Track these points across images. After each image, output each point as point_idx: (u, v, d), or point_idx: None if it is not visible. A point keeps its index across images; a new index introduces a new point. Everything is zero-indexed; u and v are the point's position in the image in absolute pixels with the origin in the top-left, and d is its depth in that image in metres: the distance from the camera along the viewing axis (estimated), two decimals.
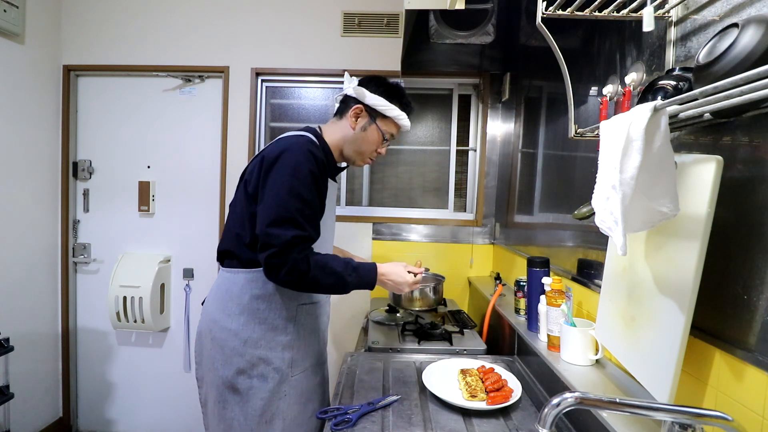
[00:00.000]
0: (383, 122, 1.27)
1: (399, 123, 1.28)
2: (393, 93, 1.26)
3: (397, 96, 1.27)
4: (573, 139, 0.99)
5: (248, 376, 1.16)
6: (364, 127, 1.26)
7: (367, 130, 1.26)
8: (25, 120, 2.21)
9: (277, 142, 1.18)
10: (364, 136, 1.26)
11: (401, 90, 1.29)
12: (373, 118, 1.26)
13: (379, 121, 1.26)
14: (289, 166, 1.10)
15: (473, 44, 1.83)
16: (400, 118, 1.27)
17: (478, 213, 2.45)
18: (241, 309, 1.18)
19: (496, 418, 1.07)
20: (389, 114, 1.25)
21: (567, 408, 0.58)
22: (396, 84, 1.29)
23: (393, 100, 1.25)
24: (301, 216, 1.09)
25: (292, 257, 1.07)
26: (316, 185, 1.13)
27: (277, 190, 1.09)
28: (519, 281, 1.50)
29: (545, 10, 0.87)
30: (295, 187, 1.09)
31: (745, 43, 0.56)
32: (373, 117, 1.26)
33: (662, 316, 0.74)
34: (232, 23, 2.41)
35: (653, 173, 0.63)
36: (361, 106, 1.25)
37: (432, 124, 2.51)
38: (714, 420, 0.58)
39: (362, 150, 1.28)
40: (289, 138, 1.18)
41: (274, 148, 1.15)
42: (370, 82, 1.27)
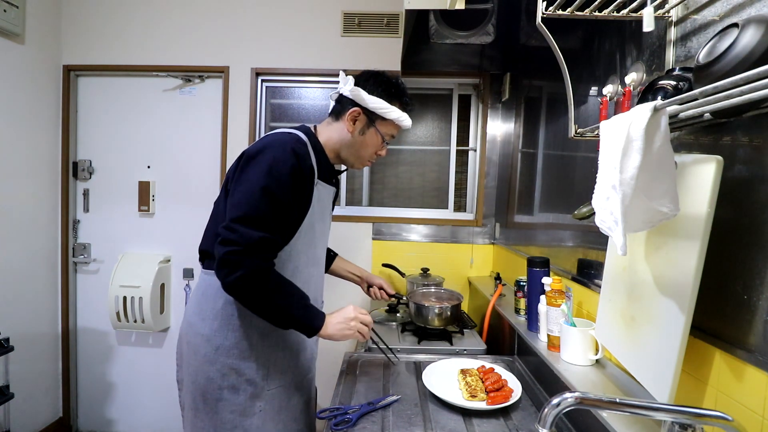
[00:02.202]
0: (383, 125, 1.18)
1: (400, 124, 1.19)
2: (393, 92, 1.16)
3: (398, 95, 1.17)
4: (573, 139, 0.99)
5: (218, 386, 1.07)
6: (362, 130, 1.17)
7: (365, 134, 1.17)
8: (25, 120, 2.21)
9: (262, 138, 1.11)
10: (363, 140, 1.18)
11: (401, 87, 1.19)
12: (372, 120, 1.16)
13: (378, 124, 1.17)
14: (267, 163, 1.01)
15: (473, 44, 1.83)
16: (401, 120, 1.18)
17: (478, 213, 2.45)
18: (215, 313, 1.09)
19: (496, 418, 1.07)
20: (389, 116, 1.16)
21: (567, 408, 0.58)
22: (396, 81, 1.19)
23: (393, 101, 1.16)
24: (272, 218, 1.00)
25: (254, 262, 0.97)
26: (295, 187, 1.05)
27: (250, 186, 1.00)
28: (519, 281, 1.50)
29: (545, 10, 0.87)
30: (271, 186, 1.00)
31: (745, 43, 0.56)
32: (371, 120, 1.16)
33: (662, 316, 0.74)
34: (232, 23, 2.40)
35: (653, 173, 0.63)
36: (358, 109, 1.15)
37: (432, 124, 2.51)
38: (714, 420, 0.58)
39: (361, 154, 1.21)
40: (275, 134, 1.11)
41: (256, 144, 1.08)
42: (367, 80, 1.16)
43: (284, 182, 1.02)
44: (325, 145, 1.19)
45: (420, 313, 1.65)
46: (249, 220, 0.98)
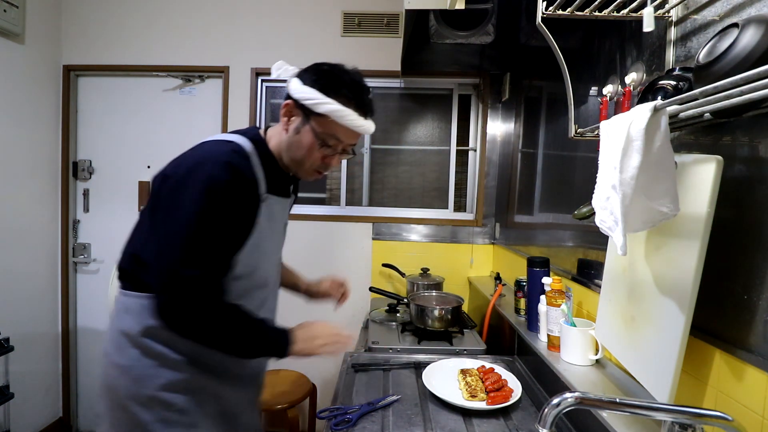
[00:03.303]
0: (319, 122, 0.94)
1: (342, 123, 0.93)
2: (333, 82, 0.93)
3: (338, 86, 0.93)
4: (573, 139, 0.99)
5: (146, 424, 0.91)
6: (297, 128, 0.96)
7: (300, 133, 0.96)
8: (25, 120, 2.21)
9: (192, 150, 0.95)
10: (298, 140, 0.96)
11: (347, 78, 0.95)
12: (306, 118, 0.95)
13: (313, 121, 0.94)
14: (200, 186, 0.85)
15: (473, 44, 1.83)
16: (342, 116, 0.92)
17: (478, 213, 2.45)
18: (134, 341, 0.93)
19: (496, 418, 1.07)
20: (323, 110, 0.91)
21: (567, 408, 0.58)
22: (340, 70, 0.96)
23: (331, 93, 0.92)
24: (212, 251, 0.87)
25: (199, 304, 0.85)
26: (236, 208, 0.89)
27: (184, 218, 0.85)
28: (519, 281, 1.50)
29: (545, 10, 0.87)
30: (208, 214, 0.85)
31: (745, 43, 0.56)
32: (306, 115, 0.94)
33: (662, 316, 0.74)
34: (232, 23, 2.40)
35: (653, 173, 0.63)
36: (290, 102, 0.96)
37: (432, 124, 2.51)
38: (714, 420, 0.58)
39: (297, 158, 0.98)
40: (207, 145, 0.94)
41: (187, 161, 0.91)
42: (307, 70, 0.97)
43: (223, 206, 0.86)
44: (275, 150, 1.01)
45: (420, 315, 1.65)
46: (187, 260, 0.84)
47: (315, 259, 2.44)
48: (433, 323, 1.62)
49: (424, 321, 1.64)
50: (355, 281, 2.44)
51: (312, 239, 2.43)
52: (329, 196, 2.51)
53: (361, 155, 2.48)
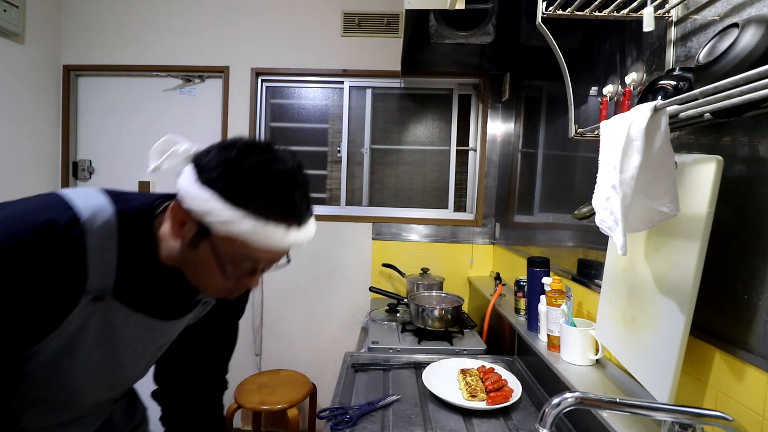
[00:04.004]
0: (224, 240, 0.62)
1: (257, 245, 0.61)
2: (241, 185, 0.60)
3: (248, 190, 0.60)
4: (573, 139, 0.99)
5: None
6: (192, 242, 0.64)
7: (197, 250, 0.64)
8: (25, 120, 2.21)
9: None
10: (194, 258, 0.65)
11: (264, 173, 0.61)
12: (204, 231, 0.62)
13: (215, 238, 0.62)
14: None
15: (473, 44, 1.83)
16: (256, 237, 0.60)
17: (478, 213, 2.45)
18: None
19: (496, 418, 1.07)
20: (226, 232, 0.60)
21: (567, 408, 0.58)
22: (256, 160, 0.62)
23: (238, 202, 0.59)
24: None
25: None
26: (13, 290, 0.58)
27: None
28: (519, 281, 1.50)
29: (545, 10, 0.87)
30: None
31: (746, 43, 0.56)
32: (203, 230, 0.62)
33: (662, 316, 0.74)
34: (232, 23, 2.40)
35: (653, 173, 0.63)
36: (179, 206, 0.63)
37: (432, 124, 2.51)
38: (714, 420, 0.58)
39: (197, 279, 0.69)
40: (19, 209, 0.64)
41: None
42: (207, 154, 0.63)
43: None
44: (161, 245, 0.68)
45: (420, 315, 1.65)
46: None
47: (315, 259, 2.44)
48: (433, 323, 1.63)
49: (424, 321, 1.64)
50: (355, 281, 2.44)
51: (312, 239, 2.43)
52: (329, 196, 2.51)
53: (361, 155, 2.48)
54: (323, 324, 2.45)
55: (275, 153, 0.65)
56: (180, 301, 0.76)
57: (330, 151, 2.50)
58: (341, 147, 2.47)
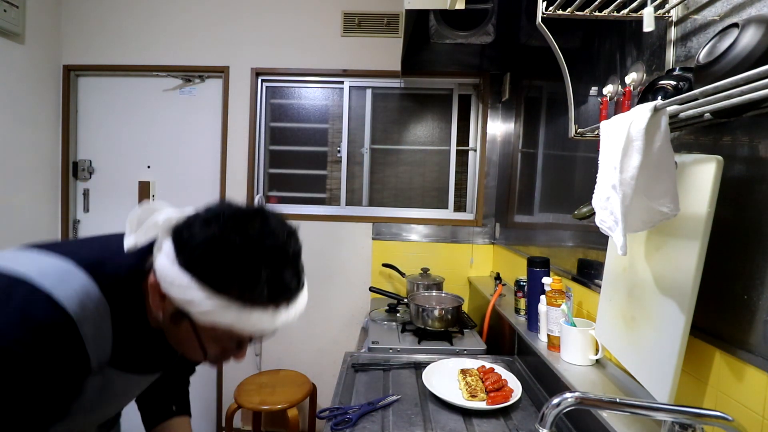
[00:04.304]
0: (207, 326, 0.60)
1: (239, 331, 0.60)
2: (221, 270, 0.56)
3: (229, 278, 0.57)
4: (573, 139, 0.99)
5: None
6: (173, 317, 0.62)
7: (178, 326, 0.62)
8: (25, 120, 2.21)
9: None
10: (176, 332, 0.64)
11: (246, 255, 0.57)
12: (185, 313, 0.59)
13: (194, 318, 0.59)
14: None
15: (473, 44, 1.83)
16: (239, 325, 0.58)
17: (478, 213, 2.45)
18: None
19: (496, 418, 1.07)
20: (205, 320, 0.58)
21: (567, 408, 0.58)
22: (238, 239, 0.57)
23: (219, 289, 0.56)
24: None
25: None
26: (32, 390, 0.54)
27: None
28: (519, 281, 1.50)
29: (545, 10, 0.87)
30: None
31: (746, 43, 0.56)
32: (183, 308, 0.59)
33: (662, 316, 0.74)
34: (232, 23, 2.40)
35: (653, 173, 0.63)
36: (156, 281, 0.60)
37: (432, 124, 2.51)
38: (714, 420, 0.58)
39: (183, 350, 0.68)
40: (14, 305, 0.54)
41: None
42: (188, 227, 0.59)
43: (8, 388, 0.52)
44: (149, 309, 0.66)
45: (420, 315, 1.65)
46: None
47: (315, 259, 2.44)
48: (433, 323, 1.63)
49: (424, 321, 1.64)
50: (355, 281, 2.44)
51: (312, 239, 2.44)
52: (329, 196, 2.51)
53: (361, 155, 2.48)
54: (323, 324, 2.45)
55: (264, 225, 0.59)
56: (169, 354, 0.75)
57: (330, 151, 2.50)
58: (341, 147, 2.47)
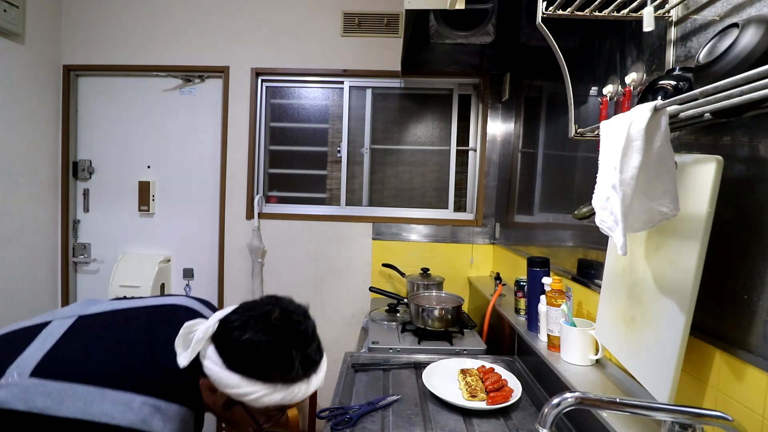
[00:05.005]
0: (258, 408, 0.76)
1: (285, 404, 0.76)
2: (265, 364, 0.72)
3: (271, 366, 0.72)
4: (573, 139, 0.99)
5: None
6: (226, 405, 0.77)
7: (232, 411, 0.78)
8: (25, 120, 2.21)
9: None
10: (230, 416, 0.79)
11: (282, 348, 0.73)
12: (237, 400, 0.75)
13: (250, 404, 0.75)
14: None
15: (473, 44, 1.83)
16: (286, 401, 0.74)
17: (478, 213, 2.45)
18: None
19: (496, 418, 1.07)
20: (258, 404, 0.73)
21: (567, 408, 0.58)
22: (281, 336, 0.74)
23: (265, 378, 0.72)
24: None
25: None
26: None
27: None
28: (519, 281, 1.50)
29: (545, 10, 0.87)
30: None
31: (746, 43, 0.56)
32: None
33: (662, 316, 0.74)
34: (232, 23, 2.40)
35: (653, 173, 0.63)
36: (208, 382, 0.74)
37: (432, 124, 2.51)
38: (714, 420, 0.58)
39: (236, 426, 0.83)
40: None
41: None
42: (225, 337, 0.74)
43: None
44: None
45: (420, 315, 1.65)
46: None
47: (315, 259, 2.44)
48: (433, 323, 1.63)
49: (424, 321, 1.64)
50: (355, 281, 2.44)
51: (312, 239, 2.44)
52: (329, 196, 2.51)
53: (361, 155, 2.48)
54: (323, 324, 2.44)
55: (285, 315, 0.76)
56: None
57: (330, 151, 2.50)
58: (341, 147, 2.47)
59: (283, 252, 2.44)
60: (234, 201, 2.42)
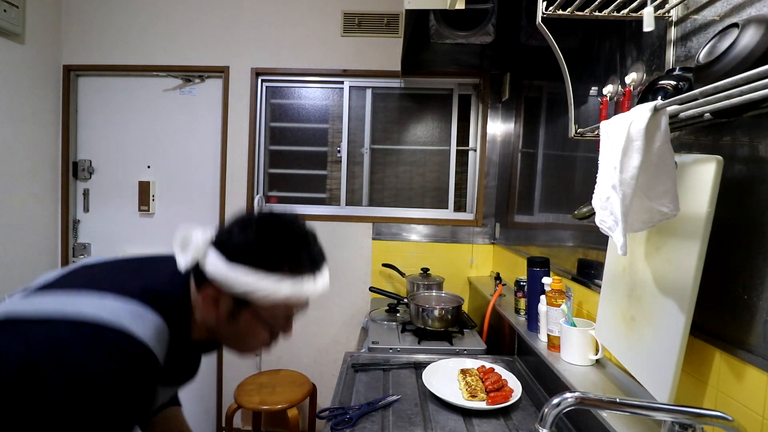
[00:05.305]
0: (267, 306, 0.71)
1: (295, 302, 0.72)
2: (273, 255, 0.69)
3: (280, 258, 0.69)
4: (573, 139, 0.99)
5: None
6: (231, 314, 0.71)
7: (237, 320, 0.72)
8: (25, 120, 2.21)
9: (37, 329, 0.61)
10: (235, 328, 0.73)
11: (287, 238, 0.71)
12: (243, 302, 0.70)
13: (254, 306, 0.71)
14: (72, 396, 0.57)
15: (473, 44, 1.83)
16: (298, 296, 0.70)
17: (478, 213, 2.45)
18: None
19: (496, 418, 1.07)
20: (273, 300, 0.69)
21: (567, 408, 0.58)
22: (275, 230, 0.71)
23: (274, 270, 0.68)
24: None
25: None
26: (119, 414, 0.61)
27: None
28: (519, 281, 1.50)
29: (545, 10, 0.87)
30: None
31: (745, 43, 0.56)
32: (241, 302, 0.70)
33: (662, 316, 0.74)
34: (232, 23, 2.40)
35: (653, 173, 0.63)
36: (212, 288, 0.70)
37: (432, 124, 2.51)
38: (714, 420, 0.58)
39: (238, 347, 0.78)
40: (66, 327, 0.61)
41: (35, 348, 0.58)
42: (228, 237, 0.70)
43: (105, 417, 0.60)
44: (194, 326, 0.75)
45: (420, 315, 1.65)
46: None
47: None
48: (433, 323, 1.63)
49: (424, 321, 1.64)
50: (355, 281, 2.44)
51: None
52: (329, 196, 2.51)
53: (361, 155, 2.48)
54: (323, 324, 2.45)
55: (286, 220, 0.74)
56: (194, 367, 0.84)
57: (330, 151, 2.50)
58: (341, 147, 2.47)
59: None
60: (234, 201, 2.42)
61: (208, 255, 0.69)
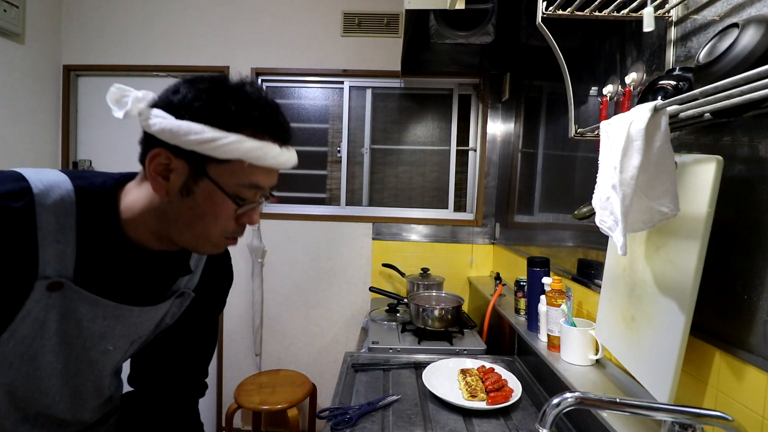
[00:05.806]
0: (224, 171, 0.59)
1: (261, 164, 0.59)
2: (233, 105, 0.58)
3: (244, 110, 0.58)
4: (573, 139, 0.99)
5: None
6: (186, 188, 0.59)
7: (193, 194, 0.59)
8: (25, 120, 2.21)
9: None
10: (191, 205, 0.60)
11: (248, 93, 0.60)
12: (199, 168, 0.58)
13: (213, 172, 0.58)
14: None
15: (473, 44, 1.83)
16: (263, 154, 0.59)
17: (478, 213, 2.45)
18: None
19: (496, 418, 1.07)
20: (234, 153, 0.57)
21: (567, 408, 0.58)
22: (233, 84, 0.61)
23: (235, 123, 0.57)
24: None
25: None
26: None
27: None
28: (519, 281, 1.50)
29: (545, 10, 0.87)
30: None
31: (746, 43, 0.56)
32: (197, 167, 0.58)
33: (662, 316, 0.74)
34: (232, 23, 2.40)
35: (653, 173, 0.63)
36: (162, 150, 0.58)
37: (432, 124, 2.51)
38: (714, 420, 0.58)
39: (197, 231, 0.62)
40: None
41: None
42: (175, 92, 0.59)
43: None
44: (128, 220, 0.62)
45: (420, 315, 1.65)
46: None
47: (315, 259, 2.44)
48: (433, 323, 1.63)
49: (424, 321, 1.64)
50: (355, 281, 2.45)
51: (312, 239, 2.44)
52: (329, 196, 2.51)
53: (361, 155, 2.48)
54: (323, 324, 2.45)
55: (246, 81, 0.62)
56: (152, 286, 0.70)
57: (330, 151, 2.50)
58: (341, 147, 2.47)
59: (283, 252, 2.44)
60: None
61: (152, 115, 0.57)
